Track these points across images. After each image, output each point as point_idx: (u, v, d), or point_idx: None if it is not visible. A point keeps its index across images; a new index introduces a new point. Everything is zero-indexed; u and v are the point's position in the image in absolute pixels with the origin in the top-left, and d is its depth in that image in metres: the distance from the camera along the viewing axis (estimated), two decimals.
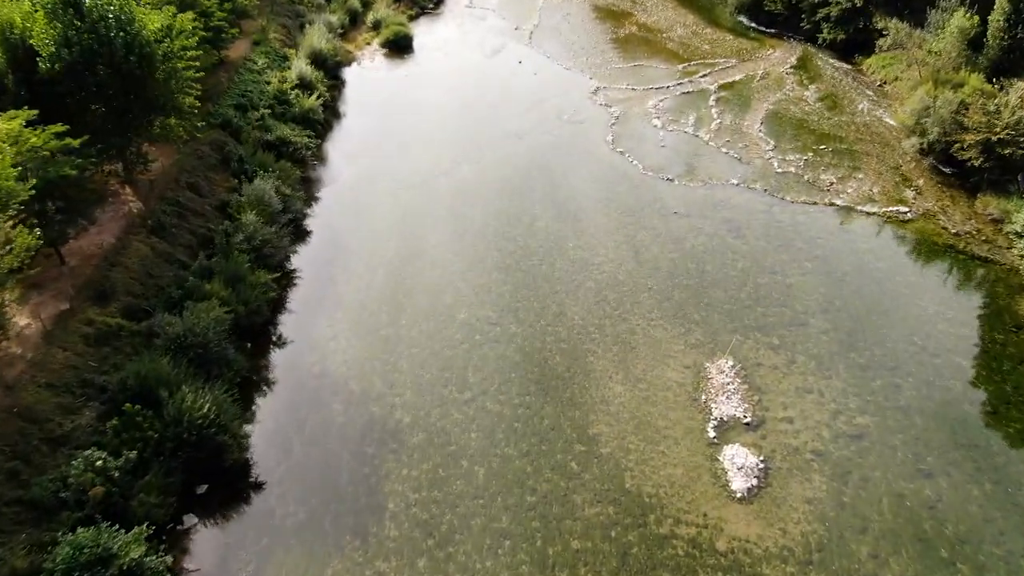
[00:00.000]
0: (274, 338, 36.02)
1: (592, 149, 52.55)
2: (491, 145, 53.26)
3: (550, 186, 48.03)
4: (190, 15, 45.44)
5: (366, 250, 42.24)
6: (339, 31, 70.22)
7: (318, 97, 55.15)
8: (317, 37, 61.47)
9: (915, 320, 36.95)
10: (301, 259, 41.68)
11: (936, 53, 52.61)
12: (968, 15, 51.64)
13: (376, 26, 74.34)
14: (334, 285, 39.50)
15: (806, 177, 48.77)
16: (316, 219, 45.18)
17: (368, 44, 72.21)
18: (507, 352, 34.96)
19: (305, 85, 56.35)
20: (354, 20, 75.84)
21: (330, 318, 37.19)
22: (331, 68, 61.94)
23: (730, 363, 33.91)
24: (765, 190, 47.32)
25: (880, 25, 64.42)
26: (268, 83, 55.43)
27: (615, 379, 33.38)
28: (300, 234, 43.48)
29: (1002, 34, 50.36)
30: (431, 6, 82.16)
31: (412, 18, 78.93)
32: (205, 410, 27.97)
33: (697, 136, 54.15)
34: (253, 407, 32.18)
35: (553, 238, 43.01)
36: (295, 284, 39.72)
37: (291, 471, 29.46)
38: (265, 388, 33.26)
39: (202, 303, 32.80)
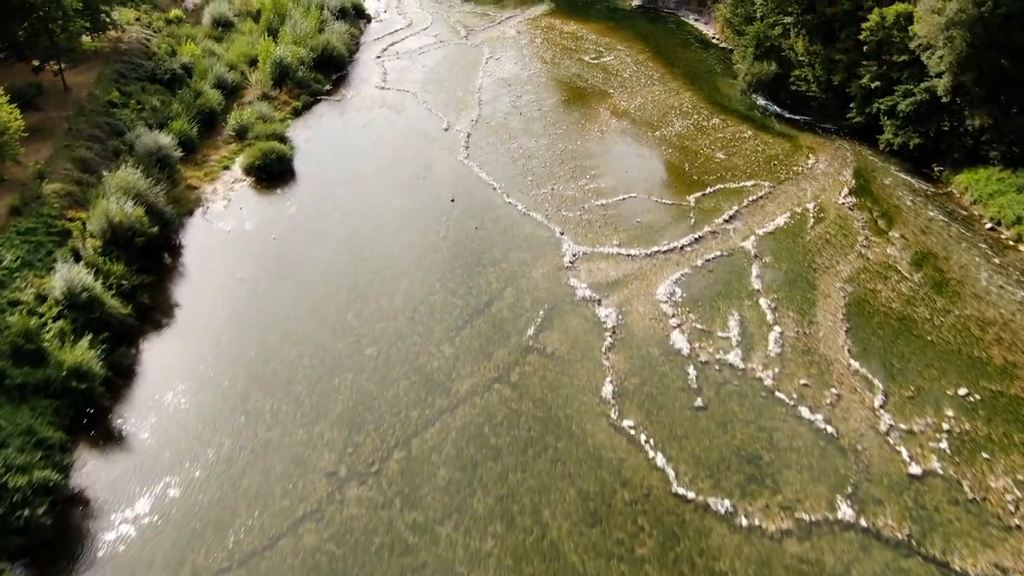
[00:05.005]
0: None
1: (581, 423, 30.13)
2: (404, 424, 30.17)
3: (515, 540, 25.44)
4: None
5: None
6: (179, 153, 46.03)
7: (93, 343, 31.05)
8: (116, 201, 37.19)
9: None
10: None
11: None
12: None
13: (241, 134, 50.57)
14: None
15: (967, 488, 27.23)
16: None
17: (227, 168, 48.36)
18: None
19: (81, 305, 32.67)
20: (210, 124, 51.82)
21: None
22: (145, 243, 37.97)
23: None
24: (909, 536, 25.69)
25: (974, 123, 43.76)
26: (12, 306, 31.88)
27: None
28: None
29: None
30: (326, 89, 58.59)
31: (299, 112, 55.45)
32: None
33: (749, 372, 32.37)
34: None
35: None
36: None
37: None
38: None
39: None
